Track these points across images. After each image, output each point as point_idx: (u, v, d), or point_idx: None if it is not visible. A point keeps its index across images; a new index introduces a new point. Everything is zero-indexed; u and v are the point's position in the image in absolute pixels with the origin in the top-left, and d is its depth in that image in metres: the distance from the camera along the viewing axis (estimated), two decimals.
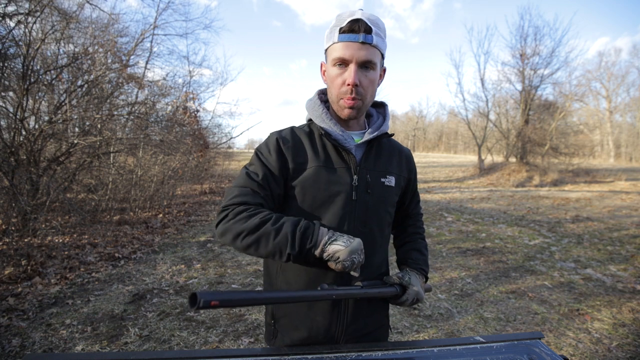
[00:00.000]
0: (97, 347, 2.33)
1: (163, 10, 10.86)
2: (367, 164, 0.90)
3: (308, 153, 0.88)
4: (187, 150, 8.71)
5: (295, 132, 0.92)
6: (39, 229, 4.41)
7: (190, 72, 12.42)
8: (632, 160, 26.51)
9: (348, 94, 0.84)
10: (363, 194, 0.88)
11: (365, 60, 0.82)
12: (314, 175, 0.86)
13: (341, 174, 0.87)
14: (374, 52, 0.82)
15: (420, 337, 2.51)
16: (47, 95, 5.68)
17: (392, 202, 0.96)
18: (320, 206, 0.86)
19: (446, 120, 44.83)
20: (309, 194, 0.86)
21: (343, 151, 0.88)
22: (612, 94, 29.46)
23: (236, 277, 3.65)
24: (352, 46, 0.81)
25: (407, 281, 0.91)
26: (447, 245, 4.96)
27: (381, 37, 0.83)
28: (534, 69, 14.91)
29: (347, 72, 0.83)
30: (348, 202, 0.86)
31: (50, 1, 5.10)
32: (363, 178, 0.88)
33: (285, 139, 0.89)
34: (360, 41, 0.80)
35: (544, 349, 0.83)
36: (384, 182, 0.91)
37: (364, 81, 0.83)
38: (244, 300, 0.67)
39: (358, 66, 0.82)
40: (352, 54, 0.81)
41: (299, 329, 0.89)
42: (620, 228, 5.88)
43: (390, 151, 0.97)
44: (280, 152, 0.87)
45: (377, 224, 0.91)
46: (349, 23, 0.81)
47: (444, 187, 12.95)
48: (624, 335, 2.50)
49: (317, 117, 0.90)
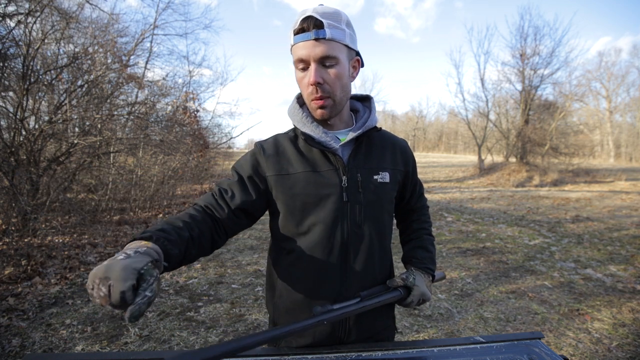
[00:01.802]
0: (97, 347, 2.33)
1: (163, 10, 10.88)
2: (356, 162, 0.87)
3: (293, 159, 0.86)
4: (187, 150, 8.71)
5: (278, 139, 0.91)
6: (39, 229, 4.41)
7: (190, 72, 12.42)
8: (632, 160, 26.51)
9: (314, 94, 0.81)
10: (355, 194, 0.85)
11: (323, 57, 0.77)
12: (302, 181, 0.84)
13: (329, 176, 0.85)
14: (331, 46, 0.77)
15: (420, 337, 2.51)
16: (47, 95, 5.68)
17: (390, 199, 0.92)
18: (311, 211, 0.84)
19: (446, 120, 44.84)
20: (298, 200, 0.84)
21: (329, 153, 0.85)
22: (612, 94, 29.49)
23: (236, 277, 3.65)
24: (306, 45, 0.77)
25: (412, 282, 0.89)
26: (447, 245, 4.96)
27: (338, 28, 0.78)
28: (534, 69, 14.91)
29: (309, 72, 0.80)
30: (339, 204, 0.84)
31: (50, 1, 5.10)
32: (353, 178, 0.85)
33: (266, 148, 0.88)
34: (312, 38, 0.76)
35: (544, 349, 0.83)
36: (376, 179, 0.88)
37: (328, 77, 0.79)
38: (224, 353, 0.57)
39: (317, 64, 0.78)
40: (307, 53, 0.77)
41: (302, 336, 0.88)
42: (620, 228, 5.88)
43: (382, 145, 0.93)
44: (256, 164, 0.87)
45: (374, 224, 0.88)
46: (300, 22, 0.77)
47: (444, 187, 12.95)
48: (624, 335, 2.50)
49: (298, 121, 0.88)
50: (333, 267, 0.85)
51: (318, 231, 0.84)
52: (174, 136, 8.16)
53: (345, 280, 0.86)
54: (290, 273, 0.89)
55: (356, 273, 0.86)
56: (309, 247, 0.85)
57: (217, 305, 2.98)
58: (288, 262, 0.89)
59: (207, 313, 2.85)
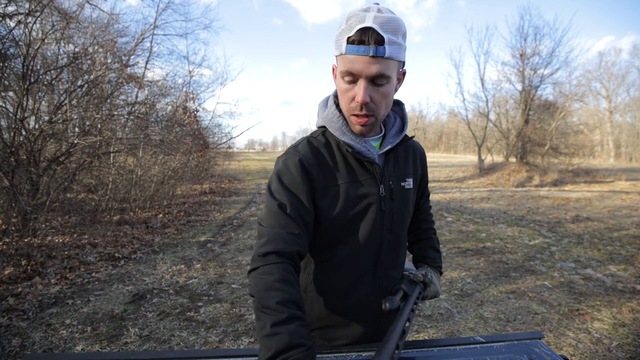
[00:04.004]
0: (97, 347, 2.33)
1: (163, 10, 10.86)
2: (389, 170, 0.88)
3: (333, 169, 0.83)
4: (187, 150, 8.72)
5: (314, 146, 0.85)
6: (39, 229, 4.41)
7: (190, 72, 12.40)
8: (632, 160, 26.52)
9: (357, 111, 0.77)
10: (389, 202, 0.86)
11: (377, 75, 0.73)
12: (344, 193, 0.82)
13: (368, 185, 0.84)
14: (387, 65, 0.72)
15: (420, 337, 2.51)
16: (47, 95, 5.68)
17: (413, 203, 0.96)
18: (352, 221, 0.84)
19: (446, 120, 44.88)
20: (341, 212, 0.82)
21: (366, 162, 0.84)
22: (612, 94, 29.51)
23: (236, 277, 3.65)
24: (361, 60, 0.71)
25: (430, 279, 0.95)
26: (447, 245, 4.96)
27: (397, 45, 0.72)
28: (534, 69, 14.90)
29: (357, 88, 0.75)
30: (378, 213, 0.85)
31: (50, 1, 5.10)
32: (387, 186, 0.86)
33: (307, 157, 0.82)
34: (370, 55, 0.70)
35: (544, 349, 0.83)
36: (404, 185, 0.90)
37: (376, 97, 0.76)
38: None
39: (368, 81, 0.74)
40: (361, 69, 0.72)
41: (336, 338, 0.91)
42: (620, 228, 5.88)
43: (406, 152, 0.94)
44: (306, 174, 0.80)
45: (402, 228, 0.92)
46: (357, 32, 0.70)
47: (444, 187, 12.95)
48: (624, 335, 2.50)
49: (337, 129, 0.83)
50: (366, 274, 0.88)
51: (357, 240, 0.85)
52: (174, 136, 8.16)
53: (375, 284, 0.90)
54: (324, 281, 0.89)
55: (385, 277, 0.90)
56: (347, 256, 0.86)
57: (217, 305, 2.98)
58: (322, 270, 0.89)
59: (207, 313, 2.85)
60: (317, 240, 0.86)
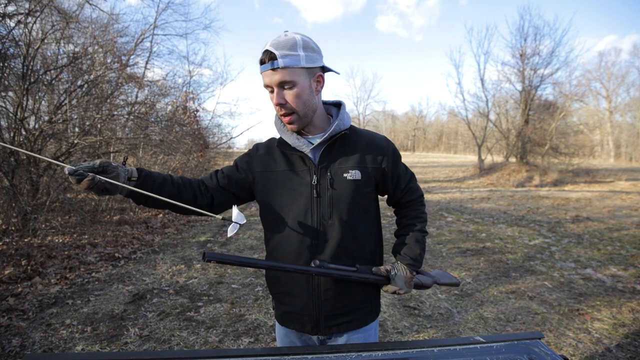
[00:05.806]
0: (97, 347, 2.33)
1: (163, 10, 10.83)
2: (327, 162, 1.01)
3: (277, 160, 1.05)
4: (187, 150, 8.72)
5: (271, 142, 1.10)
6: (39, 229, 4.41)
7: (190, 72, 12.38)
8: (632, 160, 26.50)
9: (280, 112, 0.97)
10: (325, 190, 1.00)
11: (280, 82, 0.92)
12: (281, 177, 1.03)
13: (303, 175, 1.02)
14: (286, 73, 0.91)
15: (420, 337, 2.51)
16: (47, 95, 5.69)
17: (362, 194, 1.02)
18: (287, 204, 1.02)
19: (446, 120, 44.81)
20: (278, 193, 1.03)
21: (301, 155, 1.01)
22: (612, 94, 29.46)
23: (236, 277, 3.65)
24: (266, 74, 0.92)
25: (392, 276, 1.03)
26: (447, 245, 4.97)
27: (292, 56, 0.90)
28: (534, 69, 14.89)
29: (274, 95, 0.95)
30: (310, 199, 1.00)
31: (50, 1, 5.11)
32: (324, 176, 1.00)
33: (258, 148, 1.11)
34: (269, 69, 0.91)
35: (544, 349, 0.83)
36: (346, 177, 1.00)
37: (289, 97, 0.94)
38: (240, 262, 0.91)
39: (278, 88, 0.93)
40: (269, 80, 0.93)
41: (286, 304, 1.06)
42: (620, 228, 5.88)
43: (354, 145, 1.04)
44: (249, 157, 1.10)
45: (345, 216, 1.00)
46: (261, 55, 0.92)
47: (444, 187, 12.95)
48: (624, 335, 2.50)
49: (279, 130, 1.05)
50: (305, 251, 1.01)
51: (292, 221, 1.01)
52: (174, 136, 8.16)
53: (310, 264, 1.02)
54: (273, 255, 1.06)
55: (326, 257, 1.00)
56: (286, 234, 1.02)
57: (217, 305, 2.99)
58: (271, 246, 1.07)
59: (207, 313, 2.85)
60: (264, 219, 1.08)
